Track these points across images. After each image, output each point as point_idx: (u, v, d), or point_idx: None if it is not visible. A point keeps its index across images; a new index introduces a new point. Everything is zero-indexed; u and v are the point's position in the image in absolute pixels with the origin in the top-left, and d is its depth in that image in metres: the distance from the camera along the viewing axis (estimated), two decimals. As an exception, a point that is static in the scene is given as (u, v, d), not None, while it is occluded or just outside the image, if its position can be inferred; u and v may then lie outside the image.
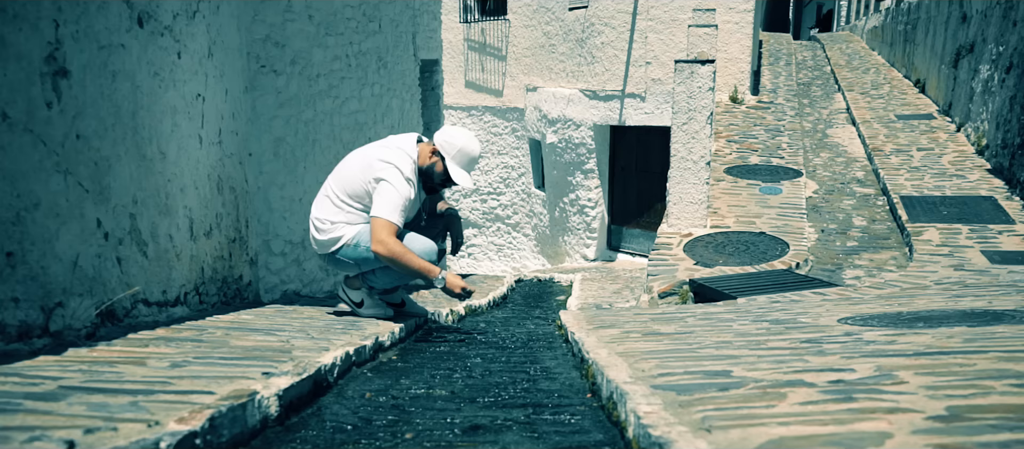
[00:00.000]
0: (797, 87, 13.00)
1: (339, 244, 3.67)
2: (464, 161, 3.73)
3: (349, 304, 3.88)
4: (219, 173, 3.99)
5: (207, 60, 3.79)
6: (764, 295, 4.63)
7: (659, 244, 5.93)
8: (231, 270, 4.18)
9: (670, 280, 5.22)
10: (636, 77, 11.49)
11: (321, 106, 6.34)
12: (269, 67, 5.40)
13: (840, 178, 7.78)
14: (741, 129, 9.54)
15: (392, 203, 3.49)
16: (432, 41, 10.67)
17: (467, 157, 3.73)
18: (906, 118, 9.90)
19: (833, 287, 4.82)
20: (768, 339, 2.53)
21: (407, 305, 4.14)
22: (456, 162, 3.71)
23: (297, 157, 5.85)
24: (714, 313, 3.69)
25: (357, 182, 3.62)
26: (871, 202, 7.00)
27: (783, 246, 5.75)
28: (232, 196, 4.22)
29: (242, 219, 4.41)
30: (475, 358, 2.97)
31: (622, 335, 2.92)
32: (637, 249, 12.35)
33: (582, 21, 12.06)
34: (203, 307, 3.66)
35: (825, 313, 3.41)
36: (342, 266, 3.74)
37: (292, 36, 5.73)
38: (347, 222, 3.66)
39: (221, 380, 1.76)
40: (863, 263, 5.57)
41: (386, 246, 3.46)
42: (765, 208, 6.63)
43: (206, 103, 3.77)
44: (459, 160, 3.71)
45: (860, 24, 19.75)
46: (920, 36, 12.03)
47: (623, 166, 12.32)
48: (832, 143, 9.32)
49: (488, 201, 15.15)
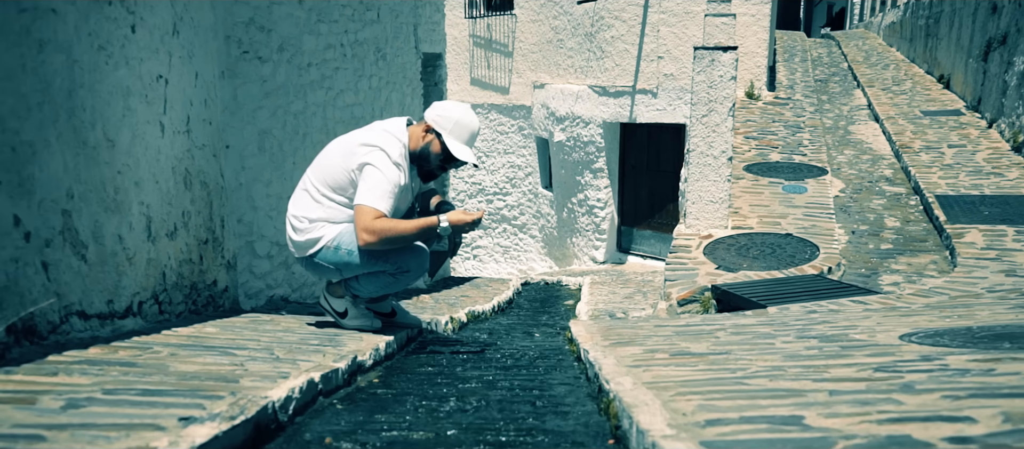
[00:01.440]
0: (814, 83, 12.51)
1: (318, 246, 3.21)
2: (463, 134, 3.26)
3: (332, 314, 3.43)
4: (187, 166, 3.55)
5: (171, 38, 3.35)
6: (797, 304, 4.16)
7: (676, 246, 5.46)
8: (202, 275, 3.73)
9: (690, 286, 4.76)
10: (647, 72, 11.02)
11: (312, 97, 5.90)
12: (253, 53, 4.96)
13: (867, 176, 7.30)
14: (759, 125, 9.06)
15: (379, 188, 3.04)
16: (435, 34, 10.22)
17: (466, 129, 3.26)
18: (932, 114, 9.41)
19: (872, 294, 4.35)
20: (828, 364, 2.06)
21: (398, 315, 3.68)
22: (454, 136, 3.24)
23: (285, 151, 5.41)
24: (747, 326, 3.23)
25: (338, 171, 3.17)
26: (903, 201, 6.52)
27: (812, 249, 5.28)
28: (204, 192, 3.77)
29: (216, 218, 3.96)
30: (471, 382, 2.51)
31: (646, 354, 2.46)
32: (648, 251, 11.88)
33: (591, 15, 11.59)
34: (164, 318, 3.22)
35: (878, 327, 2.94)
36: (322, 271, 3.29)
37: (280, 20, 5.29)
38: (328, 220, 3.20)
39: (115, 432, 1.31)
40: (900, 268, 5.09)
41: (373, 231, 3.00)
42: (790, 208, 6.15)
43: (170, 86, 3.33)
44: (457, 134, 3.24)
45: (876, 20, 19.23)
46: (943, 30, 11.53)
47: (634, 165, 11.85)
48: (855, 140, 8.84)
49: (494, 201, 14.70)
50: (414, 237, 3.12)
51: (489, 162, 14.51)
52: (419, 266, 3.17)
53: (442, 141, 3.24)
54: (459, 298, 7.64)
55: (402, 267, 3.15)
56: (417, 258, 3.16)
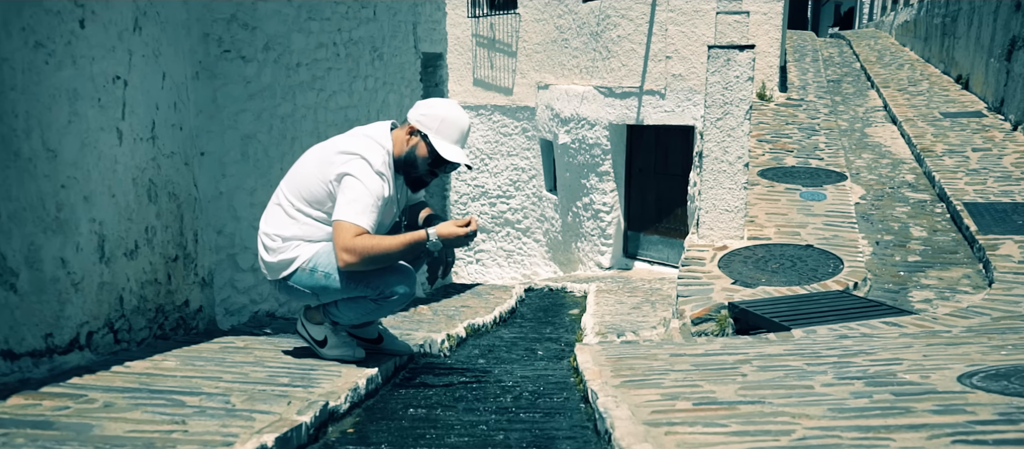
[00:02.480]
0: (827, 84, 12.14)
1: (292, 268, 2.86)
2: (452, 133, 2.91)
3: (309, 342, 3.07)
4: (152, 176, 3.20)
5: (132, 35, 3.00)
6: (824, 325, 3.80)
7: (689, 259, 5.10)
8: (170, 296, 3.39)
9: (705, 303, 4.40)
10: (655, 73, 10.66)
11: (302, 99, 5.55)
12: (236, 52, 4.62)
13: (888, 182, 6.93)
14: (772, 128, 8.69)
15: (360, 202, 2.69)
16: (435, 33, 9.87)
17: (454, 127, 2.91)
18: (953, 116, 9.03)
19: (905, 315, 3.98)
20: (887, 425, 1.71)
21: (386, 341, 3.32)
22: (442, 136, 2.88)
23: (271, 158, 5.07)
24: (775, 357, 2.87)
25: (314, 183, 2.83)
26: (928, 209, 6.15)
27: (835, 262, 4.92)
28: (173, 204, 3.43)
29: (188, 232, 3.61)
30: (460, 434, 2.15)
31: (665, 402, 2.11)
32: (656, 257, 11.52)
33: (597, 13, 11.24)
34: (121, 347, 2.87)
35: (926, 361, 2.59)
36: (297, 295, 2.94)
37: (265, 17, 4.95)
38: (304, 238, 2.86)
39: None
40: (931, 283, 4.73)
41: (353, 250, 2.66)
42: (809, 217, 5.79)
43: (130, 88, 2.98)
44: (445, 133, 2.89)
45: (887, 20, 18.83)
46: (961, 29, 11.15)
47: (641, 168, 11.49)
48: (873, 143, 8.47)
49: (497, 204, 14.36)
50: (400, 255, 2.77)
51: (492, 164, 14.16)
52: (405, 290, 2.82)
53: (429, 143, 2.89)
54: (459, 309, 7.30)
55: (385, 292, 2.79)
56: (403, 281, 2.81)
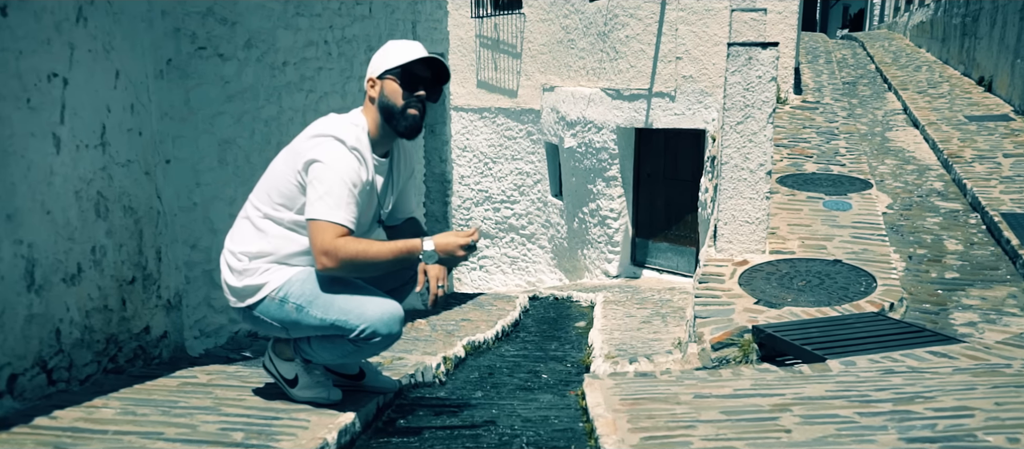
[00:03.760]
0: (842, 86, 11.72)
1: (259, 295, 2.47)
2: (402, 50, 2.54)
3: (278, 380, 2.67)
4: (100, 188, 2.80)
5: (75, 26, 2.61)
6: (863, 355, 3.38)
7: (707, 275, 4.69)
8: (126, 323, 2.99)
9: (726, 326, 3.99)
10: (665, 74, 10.25)
11: (289, 101, 5.16)
12: (212, 49, 4.22)
13: (915, 190, 6.51)
14: (789, 131, 8.27)
15: (333, 194, 2.31)
16: (436, 32, 9.47)
17: (402, 47, 2.56)
18: (978, 120, 8.60)
19: (951, 343, 3.56)
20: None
21: (368, 376, 2.91)
22: (395, 59, 2.51)
23: (253, 164, 4.66)
24: (818, 402, 2.46)
25: (282, 180, 2.45)
26: (961, 220, 5.73)
27: (867, 279, 4.49)
28: (129, 220, 3.03)
29: (148, 250, 3.21)
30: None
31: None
32: (665, 265, 11.10)
33: (604, 13, 10.83)
34: (58, 388, 2.47)
35: (1001, 410, 2.17)
36: (263, 327, 2.54)
37: (247, 12, 4.55)
38: (273, 255, 2.45)
39: None
40: (973, 303, 4.31)
41: (333, 254, 2.29)
42: (835, 228, 5.37)
43: (71, 88, 2.59)
44: (397, 55, 2.52)
45: (901, 21, 18.38)
46: (983, 29, 10.71)
47: (649, 173, 11.07)
48: (895, 148, 8.05)
49: (501, 210, 13.96)
50: (388, 265, 2.37)
51: (496, 168, 13.77)
52: (389, 332, 2.41)
53: (390, 73, 2.51)
54: (459, 323, 6.89)
55: (365, 331, 2.38)
56: (388, 322, 2.39)
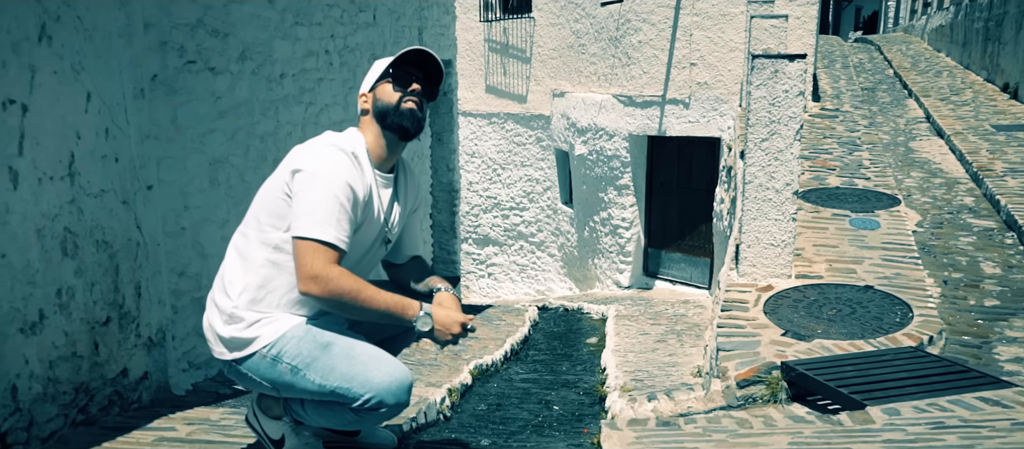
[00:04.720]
0: (861, 93, 11.40)
1: (247, 350, 2.19)
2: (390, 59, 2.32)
3: (263, 439, 2.40)
4: (68, 224, 2.54)
5: (37, 46, 2.34)
6: (906, 402, 3.09)
7: (730, 302, 4.40)
8: (99, 369, 2.72)
9: (752, 361, 3.69)
10: (678, 81, 9.96)
11: (287, 115, 4.90)
12: (203, 63, 3.96)
13: (945, 206, 6.20)
14: (810, 142, 7.97)
15: (322, 208, 2.05)
16: (444, 38, 9.20)
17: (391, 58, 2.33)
18: (1006, 129, 8.28)
19: (1002, 387, 3.26)
20: None
21: (364, 433, 2.63)
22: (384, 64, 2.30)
23: (248, 182, 4.41)
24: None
25: (271, 195, 2.19)
26: (996, 239, 5.42)
27: (902, 309, 4.20)
28: (103, 255, 2.76)
29: (126, 286, 2.95)
30: None
31: None
32: (678, 276, 10.81)
33: (616, 18, 10.55)
34: (16, 452, 2.22)
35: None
36: (249, 383, 2.27)
37: (240, 22, 4.29)
38: (269, 299, 2.17)
39: None
40: (1017, 335, 4.01)
41: (322, 281, 2.03)
42: (864, 249, 5.07)
43: (31, 115, 2.32)
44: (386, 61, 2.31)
45: (919, 24, 18.02)
46: (1007, 33, 10.38)
47: (662, 182, 10.79)
48: (920, 159, 7.74)
49: (510, 216, 13.69)
50: (375, 316, 2.10)
51: (505, 175, 13.51)
52: (396, 402, 2.12)
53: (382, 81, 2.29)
54: (466, 342, 6.62)
55: (370, 401, 2.09)
56: (394, 390, 2.10)
